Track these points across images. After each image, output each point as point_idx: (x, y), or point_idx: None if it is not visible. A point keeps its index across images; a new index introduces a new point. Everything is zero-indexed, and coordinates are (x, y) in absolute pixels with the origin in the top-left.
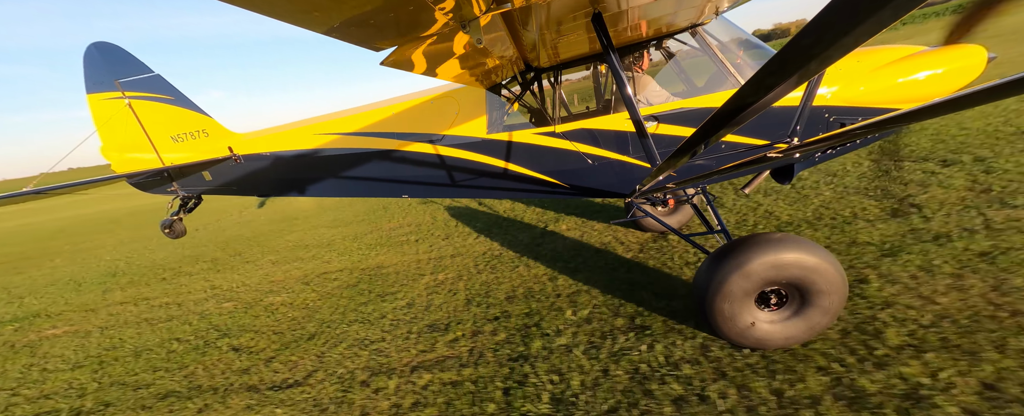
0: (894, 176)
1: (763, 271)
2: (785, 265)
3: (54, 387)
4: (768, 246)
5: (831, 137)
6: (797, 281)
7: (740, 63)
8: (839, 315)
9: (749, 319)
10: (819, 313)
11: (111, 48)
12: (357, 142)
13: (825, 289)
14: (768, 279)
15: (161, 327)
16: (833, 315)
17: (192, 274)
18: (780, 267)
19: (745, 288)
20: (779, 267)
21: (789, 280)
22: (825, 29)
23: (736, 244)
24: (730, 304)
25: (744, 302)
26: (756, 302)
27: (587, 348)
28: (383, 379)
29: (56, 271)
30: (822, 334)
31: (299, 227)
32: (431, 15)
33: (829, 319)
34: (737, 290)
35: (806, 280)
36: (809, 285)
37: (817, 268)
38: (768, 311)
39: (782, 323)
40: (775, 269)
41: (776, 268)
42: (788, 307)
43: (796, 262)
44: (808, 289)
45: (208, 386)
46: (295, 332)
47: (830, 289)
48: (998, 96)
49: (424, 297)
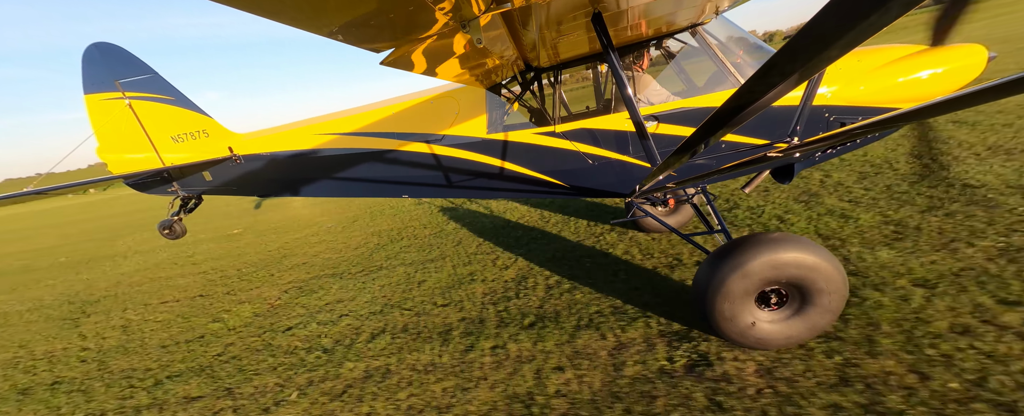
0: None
1: (763, 271)
2: (785, 264)
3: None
4: (767, 246)
5: (831, 137)
6: (797, 280)
7: (740, 63)
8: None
9: (749, 319)
10: (820, 312)
11: (111, 48)
12: (357, 142)
13: (825, 288)
14: (768, 278)
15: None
16: (834, 314)
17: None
18: (780, 266)
19: (745, 288)
20: (779, 266)
21: (789, 279)
22: (825, 28)
23: (736, 244)
24: (730, 304)
25: (744, 302)
26: (756, 302)
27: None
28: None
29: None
30: (822, 333)
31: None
32: (431, 15)
33: (830, 318)
34: (737, 290)
35: (806, 279)
36: (809, 284)
37: (817, 267)
38: (768, 311)
39: (783, 322)
40: (775, 268)
41: (776, 268)
42: (788, 306)
43: (796, 261)
44: (808, 288)
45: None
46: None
47: (830, 288)
48: (998, 96)
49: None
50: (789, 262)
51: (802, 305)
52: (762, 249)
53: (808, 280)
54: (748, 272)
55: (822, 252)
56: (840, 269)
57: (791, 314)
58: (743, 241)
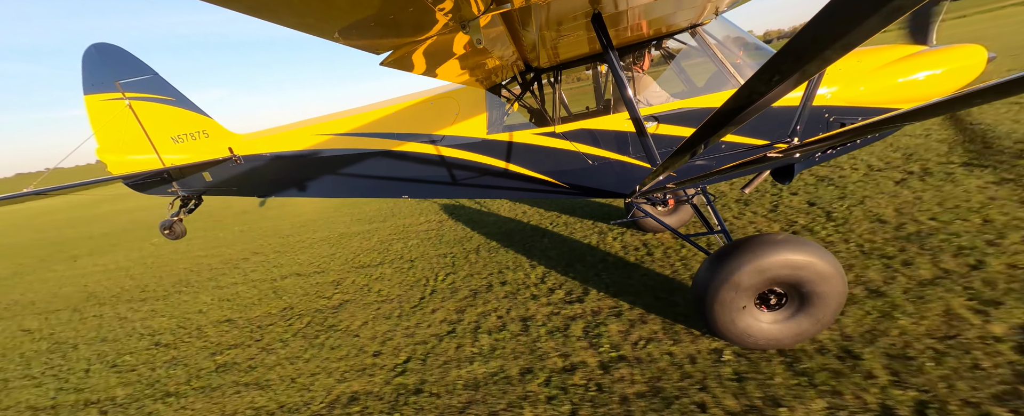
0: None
1: (761, 272)
2: (784, 266)
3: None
4: (767, 247)
5: (831, 137)
6: (796, 281)
7: (740, 63)
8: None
9: (748, 319)
10: (819, 312)
11: (111, 49)
12: (357, 142)
13: (824, 289)
14: (767, 280)
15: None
16: (832, 314)
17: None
18: (779, 268)
19: (744, 289)
20: (777, 268)
21: (788, 280)
22: (824, 28)
23: (735, 246)
24: (729, 305)
25: (744, 303)
26: (756, 302)
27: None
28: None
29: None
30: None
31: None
32: (431, 16)
33: (828, 318)
34: (736, 292)
35: (805, 280)
36: (808, 285)
37: (816, 268)
38: (768, 311)
39: (782, 323)
40: (774, 270)
41: (775, 269)
42: (788, 307)
43: (795, 263)
44: (807, 289)
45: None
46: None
47: (829, 289)
48: (998, 96)
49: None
50: (790, 263)
51: (801, 305)
52: (763, 251)
53: (808, 281)
54: (748, 274)
55: (822, 253)
56: (840, 270)
57: (791, 314)
58: (744, 243)
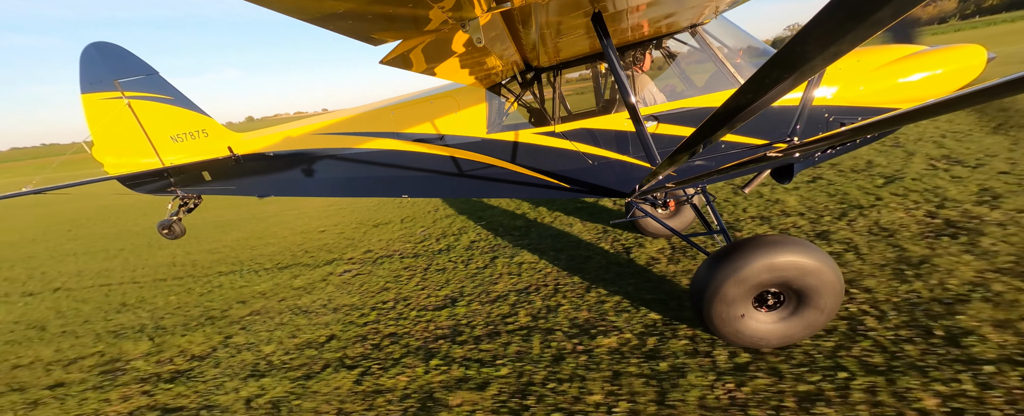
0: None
1: (761, 273)
2: (783, 267)
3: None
4: (766, 248)
5: (831, 137)
6: (794, 282)
7: (740, 63)
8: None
9: (746, 319)
10: (816, 312)
11: (110, 48)
12: (356, 142)
13: (822, 290)
14: (766, 281)
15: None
16: (829, 314)
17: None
18: (778, 269)
19: (742, 290)
20: (777, 269)
21: (786, 281)
22: (824, 29)
23: (735, 247)
24: (727, 305)
25: (742, 303)
26: (754, 302)
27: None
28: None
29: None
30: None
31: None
32: (431, 14)
33: (825, 318)
34: (734, 292)
35: (803, 281)
36: (806, 286)
37: (814, 269)
38: (766, 311)
39: (780, 323)
40: (772, 271)
41: (774, 270)
42: (785, 307)
43: (793, 264)
44: (805, 290)
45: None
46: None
47: (826, 290)
48: (998, 96)
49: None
50: (787, 265)
51: (798, 306)
52: (762, 252)
53: (805, 282)
54: (747, 274)
55: (820, 254)
56: (837, 271)
57: (788, 314)
58: (743, 244)
